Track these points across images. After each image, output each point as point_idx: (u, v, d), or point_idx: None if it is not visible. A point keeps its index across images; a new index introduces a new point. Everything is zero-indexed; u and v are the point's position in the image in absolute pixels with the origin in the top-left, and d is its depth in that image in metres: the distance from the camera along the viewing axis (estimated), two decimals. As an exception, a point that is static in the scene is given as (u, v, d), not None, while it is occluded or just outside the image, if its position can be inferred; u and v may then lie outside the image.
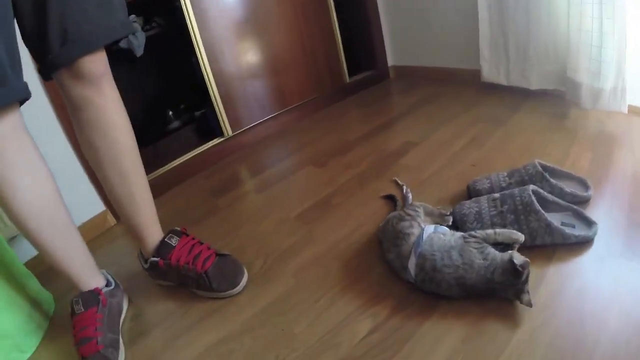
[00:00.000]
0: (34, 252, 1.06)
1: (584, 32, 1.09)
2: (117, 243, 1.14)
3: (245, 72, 1.52)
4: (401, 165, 1.15)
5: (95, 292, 0.78)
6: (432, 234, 0.72)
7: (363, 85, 1.89)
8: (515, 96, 1.38)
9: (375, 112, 1.61)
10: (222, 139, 1.50)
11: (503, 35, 1.35)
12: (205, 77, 1.41)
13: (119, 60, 0.99)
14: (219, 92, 1.45)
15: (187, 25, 1.33)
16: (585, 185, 0.85)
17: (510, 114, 1.28)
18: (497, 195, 0.81)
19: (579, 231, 0.73)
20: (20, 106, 0.66)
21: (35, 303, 0.87)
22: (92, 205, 1.20)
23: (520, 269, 0.59)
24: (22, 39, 0.66)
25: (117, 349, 0.75)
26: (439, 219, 0.81)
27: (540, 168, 0.84)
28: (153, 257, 0.85)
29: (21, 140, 0.66)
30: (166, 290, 0.87)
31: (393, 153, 1.23)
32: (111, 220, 1.23)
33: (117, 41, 0.87)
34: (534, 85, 1.32)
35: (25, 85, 0.64)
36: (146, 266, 0.87)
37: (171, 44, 1.05)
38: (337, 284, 0.76)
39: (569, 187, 0.82)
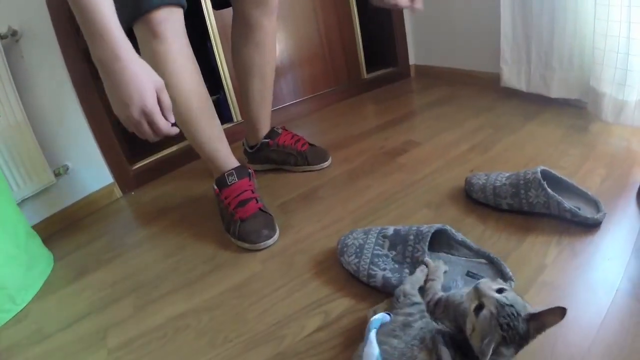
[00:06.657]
0: (42, 216, 1.13)
1: (609, 37, 0.99)
2: (124, 212, 1.21)
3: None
4: (397, 163, 1.11)
5: (245, 167, 0.92)
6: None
7: (381, 82, 1.84)
8: (533, 104, 1.29)
9: (386, 109, 1.57)
10: (231, 124, 1.53)
11: (526, 37, 1.26)
12: (219, 63, 1.44)
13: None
14: (232, 80, 1.48)
15: (202, 10, 1.35)
16: (596, 206, 0.74)
17: (524, 122, 1.20)
18: (390, 232, 0.73)
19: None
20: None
21: (34, 261, 0.93)
22: (102, 177, 1.27)
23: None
24: None
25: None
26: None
27: (539, 175, 0.75)
28: (264, 139, 1.14)
29: (183, 40, 0.81)
30: (147, 262, 0.91)
31: (392, 151, 1.19)
32: (117, 192, 1.30)
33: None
34: (555, 93, 1.22)
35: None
36: (251, 150, 1.17)
37: (190, 25, 1.06)
38: (299, 276, 0.76)
39: (571, 203, 0.73)
